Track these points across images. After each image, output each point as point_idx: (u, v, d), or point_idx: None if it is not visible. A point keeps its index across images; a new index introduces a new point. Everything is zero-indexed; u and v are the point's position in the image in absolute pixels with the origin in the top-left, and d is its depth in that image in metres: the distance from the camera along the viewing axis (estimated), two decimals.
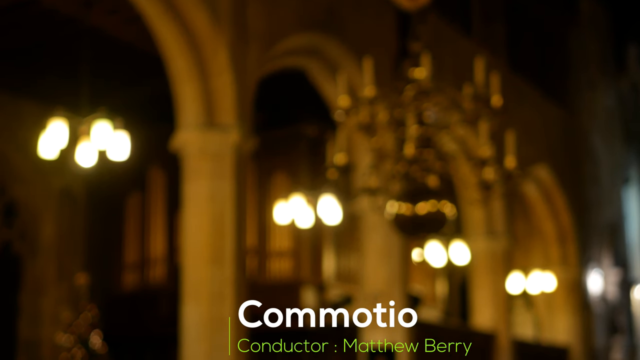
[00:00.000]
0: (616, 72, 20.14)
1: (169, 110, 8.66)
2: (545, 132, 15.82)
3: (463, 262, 14.88)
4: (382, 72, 7.19)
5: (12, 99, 12.03)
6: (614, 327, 18.33)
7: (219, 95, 8.46)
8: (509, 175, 6.91)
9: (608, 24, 19.41)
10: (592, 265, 17.13)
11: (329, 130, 10.96)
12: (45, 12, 9.83)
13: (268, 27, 9.03)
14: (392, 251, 10.55)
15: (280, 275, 12.25)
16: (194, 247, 8.29)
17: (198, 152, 8.40)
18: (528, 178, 14.88)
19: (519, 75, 14.82)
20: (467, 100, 6.65)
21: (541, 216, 16.09)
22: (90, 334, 9.36)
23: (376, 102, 6.65)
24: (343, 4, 10.24)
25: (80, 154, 8.52)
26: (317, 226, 11.95)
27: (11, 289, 12.21)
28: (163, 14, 8.27)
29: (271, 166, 12.44)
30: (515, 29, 15.05)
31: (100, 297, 11.60)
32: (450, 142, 11.02)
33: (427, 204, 6.63)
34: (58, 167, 10.73)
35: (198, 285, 8.21)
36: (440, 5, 11.78)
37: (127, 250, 13.02)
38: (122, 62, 11.24)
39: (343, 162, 6.83)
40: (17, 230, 12.40)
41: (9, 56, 11.00)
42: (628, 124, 20.75)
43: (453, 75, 10.78)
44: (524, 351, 13.80)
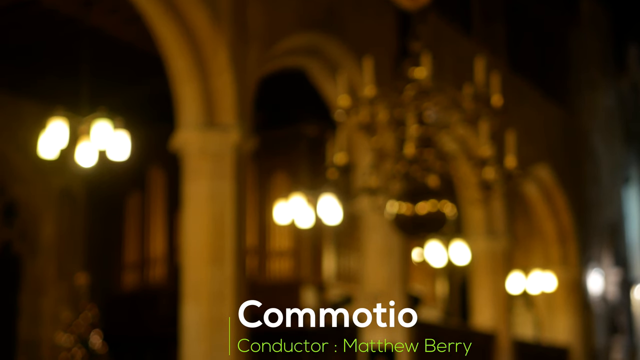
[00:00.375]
0: (616, 72, 20.14)
1: (169, 110, 8.66)
2: (546, 132, 15.82)
3: (463, 262, 14.88)
4: (382, 71, 7.19)
5: (12, 98, 12.02)
6: (614, 327, 18.33)
7: (219, 95, 8.45)
8: (509, 175, 6.91)
9: (608, 23, 19.40)
10: (592, 265, 17.12)
11: (329, 130, 10.95)
12: (45, 12, 9.82)
13: (268, 27, 9.02)
14: (392, 251, 10.55)
15: (280, 275, 12.25)
16: (194, 247, 8.29)
17: (198, 152, 8.39)
18: (528, 178, 14.88)
19: (519, 75, 14.82)
20: (467, 100, 6.64)
21: (541, 216, 16.08)
22: (90, 334, 9.35)
23: (376, 101, 6.65)
24: (343, 4, 10.23)
25: (80, 153, 8.51)
26: (317, 226, 11.95)
27: (11, 288, 12.20)
28: (163, 14, 8.26)
29: (271, 166, 12.44)
30: (515, 28, 15.05)
31: (100, 297, 11.60)
32: (451, 142, 11.06)
33: (427, 204, 6.63)
34: (58, 167, 10.72)
35: (198, 285, 8.20)
36: (441, 5, 11.77)
37: (127, 250, 13.01)
38: (122, 62, 11.23)
39: (343, 162, 6.83)
40: (17, 230, 12.40)
41: (9, 56, 11.00)
42: (628, 124, 20.75)
43: (453, 75, 10.78)
44: (524, 351, 13.80)
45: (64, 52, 10.49)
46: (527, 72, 15.29)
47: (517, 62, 14.91)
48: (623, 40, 20.27)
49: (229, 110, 8.44)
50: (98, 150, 8.56)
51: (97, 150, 8.56)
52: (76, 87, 9.06)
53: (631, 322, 19.74)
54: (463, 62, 9.53)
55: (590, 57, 18.29)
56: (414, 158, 6.66)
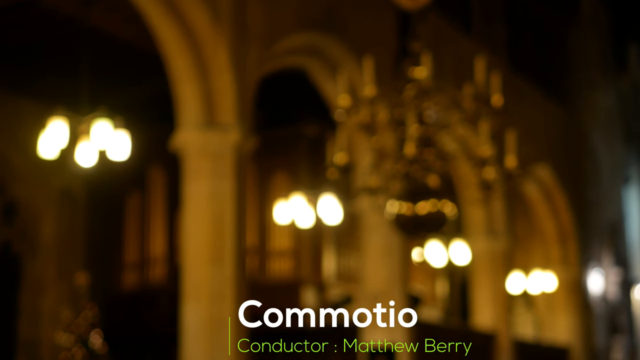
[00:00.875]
0: (617, 72, 20.13)
1: (169, 110, 8.65)
2: (546, 132, 15.82)
3: (463, 262, 14.87)
4: (382, 71, 7.18)
5: (12, 98, 12.03)
6: (615, 327, 18.32)
7: (219, 94, 8.45)
8: (509, 175, 6.91)
9: (608, 23, 19.39)
10: (592, 265, 17.12)
11: (329, 130, 10.95)
12: (45, 12, 9.82)
13: (268, 27, 9.02)
14: (393, 251, 10.54)
15: (280, 275, 12.25)
16: (194, 246, 8.29)
17: (198, 152, 8.39)
18: (528, 178, 14.87)
19: (519, 74, 14.81)
20: (468, 99, 6.64)
21: (541, 216, 16.08)
22: (90, 334, 9.35)
23: (376, 101, 6.64)
24: (343, 4, 10.23)
25: (80, 153, 8.51)
26: (318, 226, 11.94)
27: (11, 288, 12.20)
28: (163, 14, 8.26)
29: (271, 166, 12.44)
30: (515, 28, 15.05)
31: (100, 297, 11.60)
32: (451, 142, 11.07)
33: (427, 204, 6.62)
34: (58, 167, 10.71)
35: (198, 285, 8.20)
36: (441, 4, 11.77)
37: (127, 250, 13.01)
38: (122, 62, 11.23)
39: (343, 162, 6.83)
40: (17, 230, 12.40)
41: (9, 56, 10.99)
42: (628, 124, 20.75)
43: (453, 74, 10.78)
44: (524, 351, 13.79)
45: (64, 52, 10.49)
46: (527, 72, 15.29)
47: (517, 62, 14.91)
48: (623, 40, 20.27)
49: (229, 110, 8.44)
50: (98, 150, 8.56)
51: (97, 150, 8.55)
52: (76, 87, 9.06)
53: (631, 322, 19.73)
54: (463, 62, 9.53)
55: (590, 57, 18.28)
56: (414, 158, 6.66)
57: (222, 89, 8.44)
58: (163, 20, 8.30)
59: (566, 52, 17.22)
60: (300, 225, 11.74)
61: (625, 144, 20.47)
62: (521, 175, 7.50)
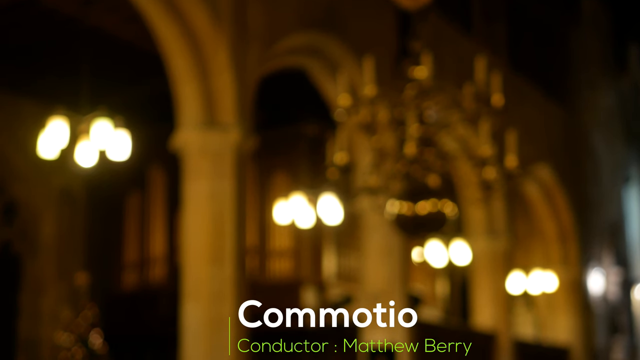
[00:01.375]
0: (617, 72, 20.13)
1: (169, 110, 8.65)
2: (546, 132, 15.81)
3: (463, 262, 14.87)
4: (382, 71, 7.18)
5: (12, 98, 12.02)
6: (615, 327, 18.32)
7: (219, 94, 8.45)
8: (509, 175, 6.91)
9: (609, 23, 19.40)
10: (593, 264, 17.11)
11: (329, 130, 10.94)
12: (45, 12, 9.82)
13: (268, 26, 9.01)
14: (393, 251, 10.54)
15: (280, 275, 12.25)
16: (194, 246, 8.28)
17: (198, 152, 8.39)
18: (529, 177, 14.87)
19: (519, 74, 14.81)
20: (468, 99, 6.64)
21: (542, 216, 16.08)
22: (90, 334, 9.35)
23: (377, 101, 6.64)
24: (343, 3, 10.22)
25: (80, 153, 8.51)
26: (318, 226, 11.94)
27: (11, 288, 12.20)
28: (163, 14, 8.25)
29: (271, 165, 12.44)
30: (516, 28, 15.04)
31: (100, 297, 11.60)
32: (451, 142, 11.06)
33: (427, 204, 6.62)
34: (58, 167, 10.72)
35: (198, 285, 8.19)
36: (441, 4, 11.76)
37: (127, 250, 13.01)
38: (122, 62, 11.23)
39: (343, 162, 6.82)
40: (17, 230, 12.39)
41: (9, 56, 10.99)
42: (629, 124, 20.75)
43: (454, 74, 10.76)
44: (525, 351, 13.79)
45: (64, 52, 10.48)
46: (528, 72, 15.29)
47: (517, 61, 14.91)
48: (623, 39, 20.27)
49: (229, 109, 8.44)
50: (98, 150, 8.55)
51: (97, 150, 8.55)
52: (76, 86, 9.06)
53: (632, 322, 19.73)
54: (463, 62, 9.52)
55: (590, 56, 18.28)
56: (414, 158, 6.66)
57: (222, 88, 8.44)
58: (163, 20, 8.30)
59: (566, 52, 17.21)
60: (300, 225, 11.73)
61: (626, 144, 20.47)
62: (521, 175, 7.50)
